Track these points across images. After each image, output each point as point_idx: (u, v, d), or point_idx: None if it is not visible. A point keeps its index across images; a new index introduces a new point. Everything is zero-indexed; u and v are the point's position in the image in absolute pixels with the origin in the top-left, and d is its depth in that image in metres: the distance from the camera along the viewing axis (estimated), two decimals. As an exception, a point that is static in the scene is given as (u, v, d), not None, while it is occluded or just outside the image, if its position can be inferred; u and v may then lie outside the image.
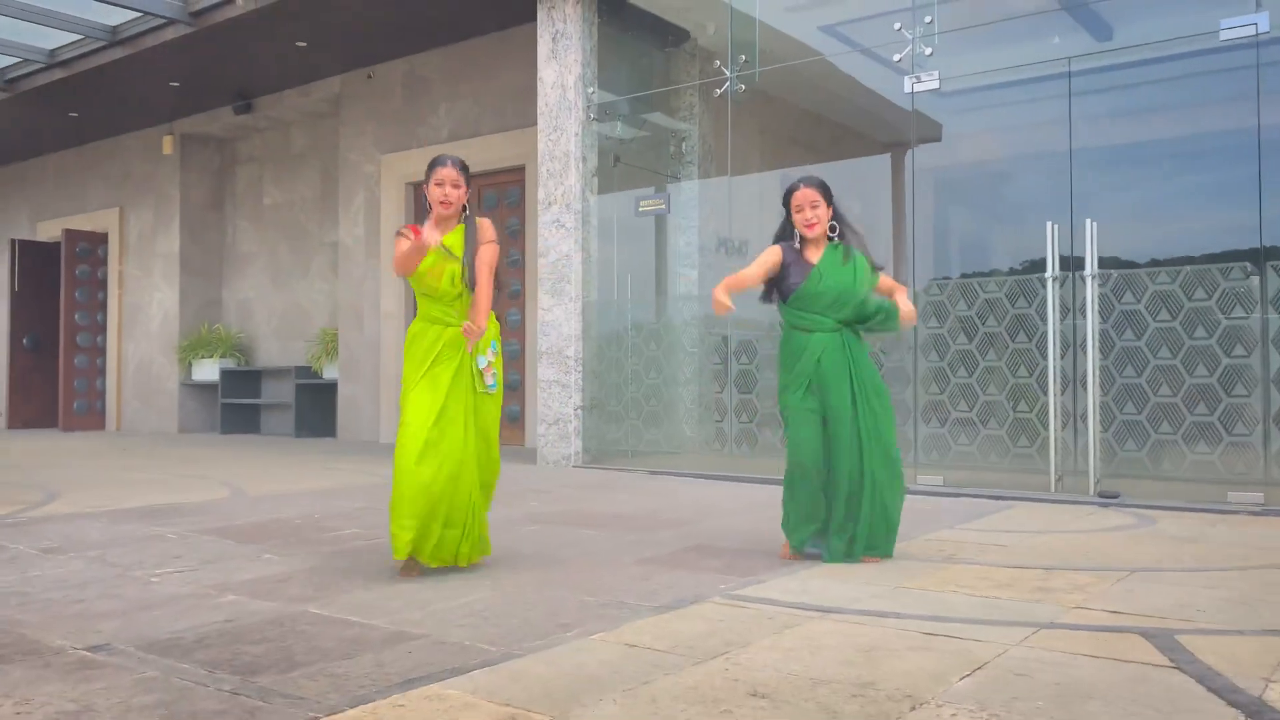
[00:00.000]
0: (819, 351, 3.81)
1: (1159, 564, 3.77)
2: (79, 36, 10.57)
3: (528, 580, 3.46)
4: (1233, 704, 2.11)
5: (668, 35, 8.69)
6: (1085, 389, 5.62)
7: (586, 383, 7.62)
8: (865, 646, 2.57)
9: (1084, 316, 5.62)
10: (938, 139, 6.91)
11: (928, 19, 6.25)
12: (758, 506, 5.38)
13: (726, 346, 7.29)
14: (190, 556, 3.94)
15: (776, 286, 3.93)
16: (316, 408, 11.86)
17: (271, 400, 12.53)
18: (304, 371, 11.90)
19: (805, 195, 3.84)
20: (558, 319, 7.63)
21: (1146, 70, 6.29)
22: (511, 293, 9.92)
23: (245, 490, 6.23)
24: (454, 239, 3.69)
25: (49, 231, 14.63)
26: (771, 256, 3.90)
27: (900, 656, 2.47)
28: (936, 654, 2.50)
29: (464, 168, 3.78)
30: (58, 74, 11.24)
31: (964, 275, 6.33)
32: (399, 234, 3.74)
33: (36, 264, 14.41)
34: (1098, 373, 5.58)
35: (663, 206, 7.71)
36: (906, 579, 3.46)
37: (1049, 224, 5.71)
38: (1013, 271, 6.10)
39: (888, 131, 8.72)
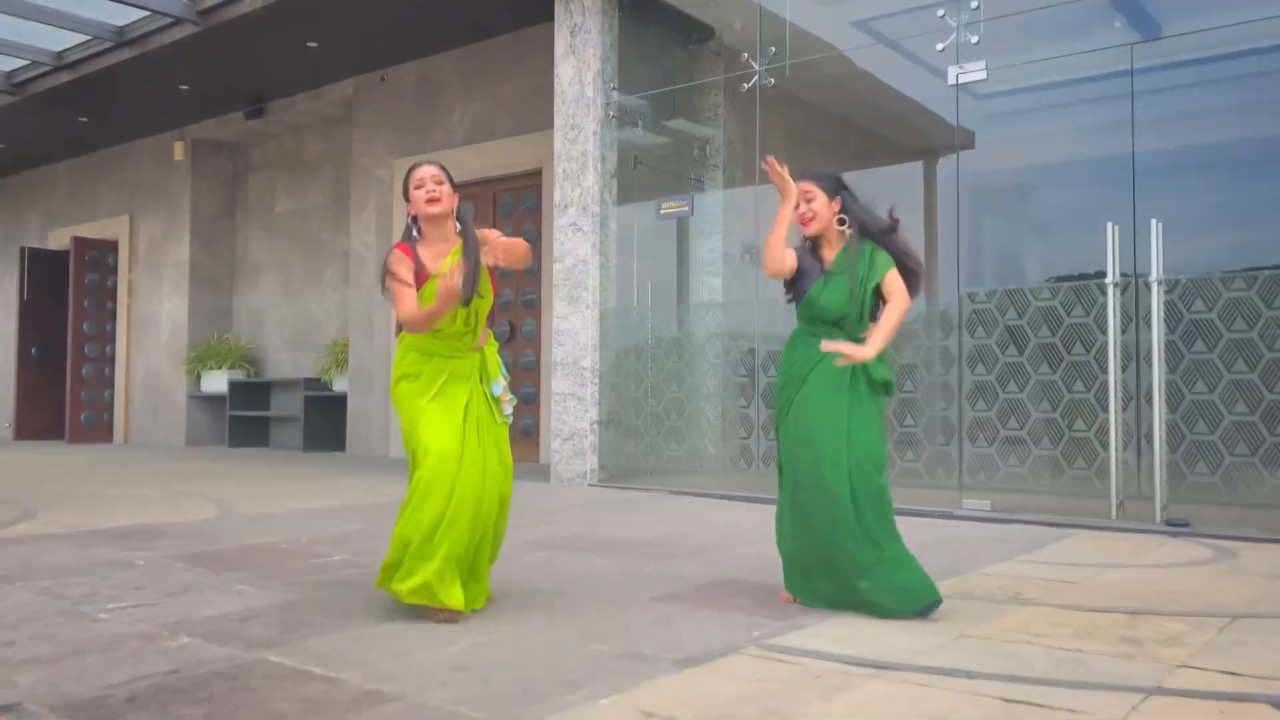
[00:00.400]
0: (821, 355, 3.21)
1: (1257, 607, 3.27)
2: (86, 37, 10.27)
3: (529, 623, 3.00)
4: None
5: (692, 33, 8.27)
6: (1150, 405, 5.12)
7: (603, 396, 7.17)
8: (935, 717, 2.09)
9: (1149, 326, 5.12)
10: (982, 139, 6.42)
11: (974, 4, 5.78)
12: (789, 532, 4.89)
13: (753, 358, 6.82)
14: (153, 588, 3.50)
15: (792, 289, 3.40)
16: (326, 420, 11.46)
17: (281, 413, 12.15)
18: (313, 383, 11.50)
19: (800, 189, 3.32)
20: (573, 327, 7.18)
21: (1217, 67, 5.81)
22: (526, 301, 9.49)
23: (236, 510, 5.80)
24: (452, 261, 3.19)
25: (60, 240, 14.34)
26: (790, 257, 3.35)
27: (981, 734, 2.00)
28: (1025, 730, 2.02)
29: (445, 170, 3.29)
30: (65, 76, 10.93)
31: (1013, 283, 5.84)
32: (391, 271, 3.12)
33: (46, 273, 14.10)
34: (1164, 387, 5.07)
35: (685, 209, 7.26)
36: (969, 625, 2.97)
37: (1109, 225, 5.21)
38: (1067, 278, 5.60)
39: (927, 135, 8.25)
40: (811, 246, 3.39)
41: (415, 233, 3.22)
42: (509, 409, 3.26)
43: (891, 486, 3.22)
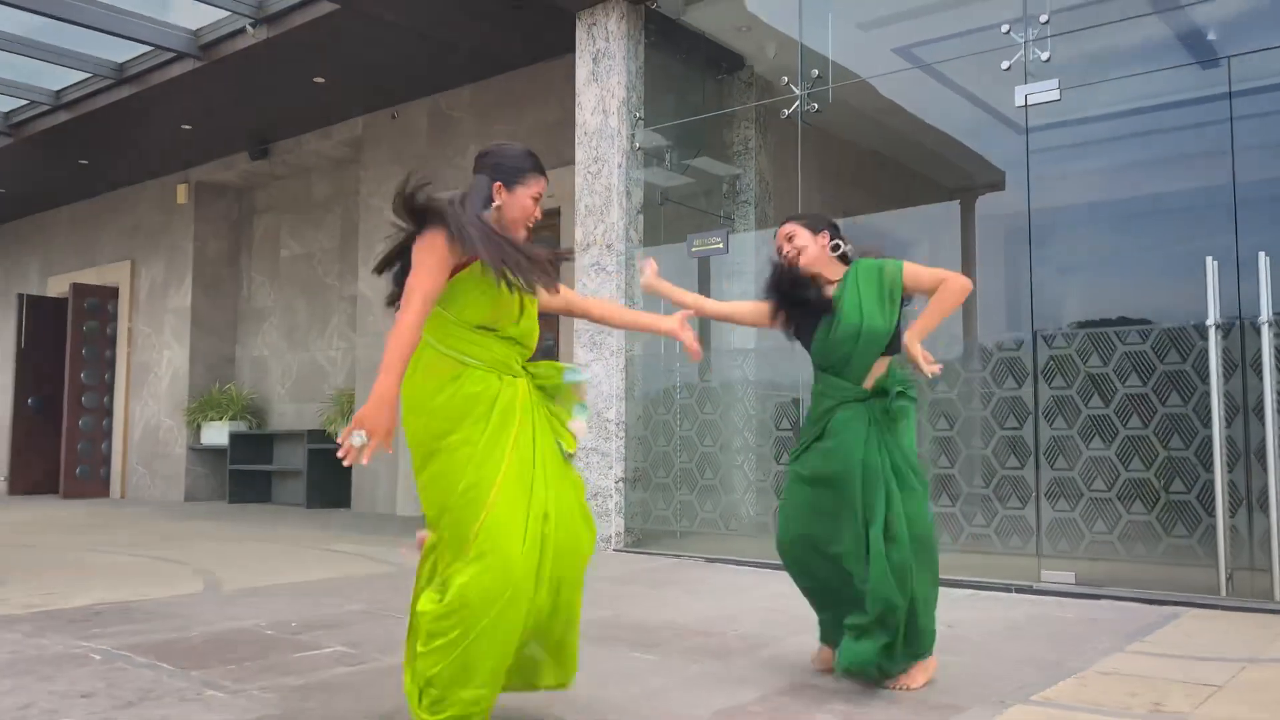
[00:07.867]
0: (832, 413, 3.08)
1: None
2: (86, 75, 9.86)
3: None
4: None
5: (721, 62, 7.76)
6: (1262, 464, 4.47)
7: (629, 451, 6.55)
8: None
9: (1257, 373, 4.49)
10: (1055, 169, 5.81)
11: (1043, 18, 5.23)
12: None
13: (797, 409, 6.20)
14: (105, 695, 2.88)
15: (798, 338, 3.23)
16: (330, 476, 10.82)
17: (284, 467, 11.53)
18: (317, 435, 10.89)
19: (781, 232, 3.23)
20: (596, 376, 6.58)
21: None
22: (544, 349, 8.91)
23: (222, 582, 5.16)
24: None
25: (59, 286, 13.86)
26: (741, 309, 3.37)
27: None
28: None
29: None
30: (64, 116, 10.50)
31: (1094, 324, 5.22)
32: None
33: (44, 321, 13.60)
34: (1278, 443, 4.42)
35: (719, 245, 6.68)
36: (1128, 758, 2.33)
37: (1208, 260, 4.61)
38: (1158, 319, 4.98)
39: (975, 174, 7.71)
40: (816, 288, 3.15)
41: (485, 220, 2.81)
42: (580, 435, 2.68)
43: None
